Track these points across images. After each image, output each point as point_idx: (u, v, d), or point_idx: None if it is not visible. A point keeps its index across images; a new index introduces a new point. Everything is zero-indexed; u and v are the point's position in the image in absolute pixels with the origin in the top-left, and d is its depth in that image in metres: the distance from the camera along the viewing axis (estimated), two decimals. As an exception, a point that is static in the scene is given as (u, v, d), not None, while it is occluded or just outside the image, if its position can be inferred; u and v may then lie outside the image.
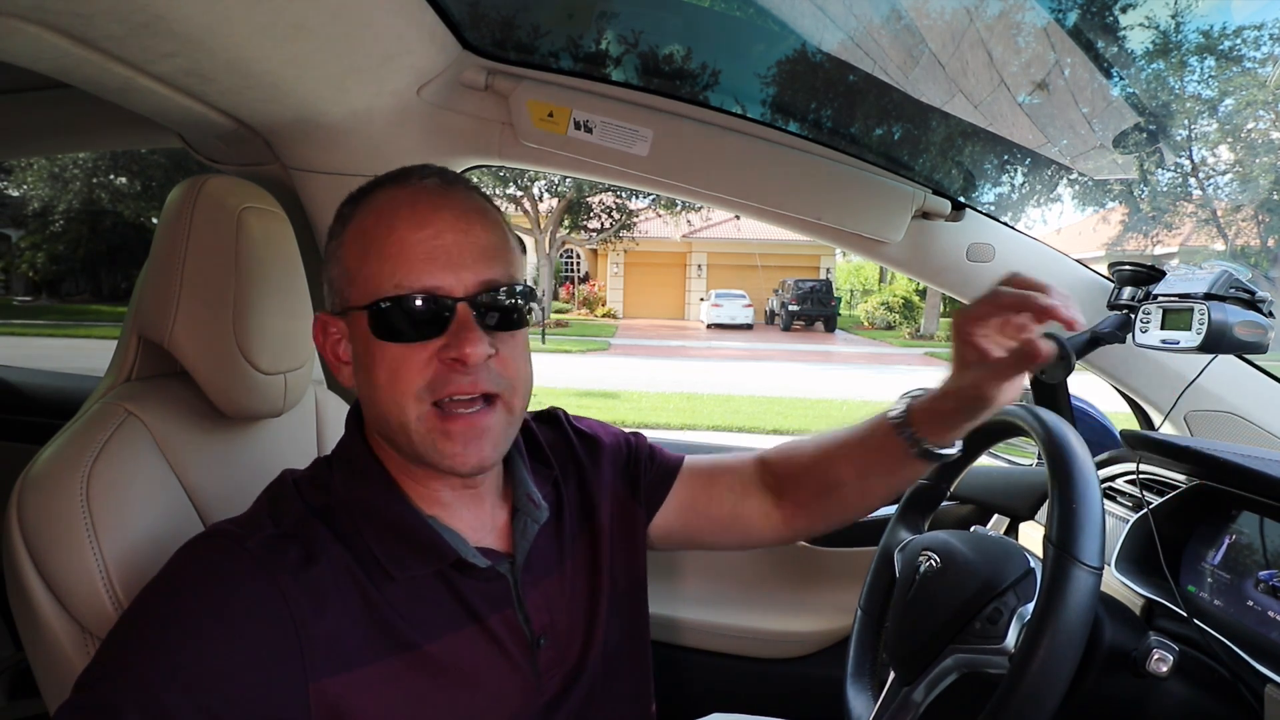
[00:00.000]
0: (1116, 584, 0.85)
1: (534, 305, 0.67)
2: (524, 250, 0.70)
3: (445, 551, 0.64)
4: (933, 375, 0.73)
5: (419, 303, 0.60)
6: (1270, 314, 0.95)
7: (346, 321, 0.65)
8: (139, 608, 0.57)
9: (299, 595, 0.57)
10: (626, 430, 0.89)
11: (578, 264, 23.42)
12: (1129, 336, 1.06)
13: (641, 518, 0.83)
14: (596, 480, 0.81)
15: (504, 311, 0.63)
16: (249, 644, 0.54)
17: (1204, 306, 0.94)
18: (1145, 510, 0.89)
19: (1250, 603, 0.77)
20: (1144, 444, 0.95)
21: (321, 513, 0.63)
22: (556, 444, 0.82)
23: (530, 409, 0.77)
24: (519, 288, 0.64)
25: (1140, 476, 0.96)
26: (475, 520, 0.69)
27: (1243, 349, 0.95)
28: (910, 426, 0.73)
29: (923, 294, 18.52)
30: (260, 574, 0.57)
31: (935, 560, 0.77)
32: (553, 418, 0.86)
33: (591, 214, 17.57)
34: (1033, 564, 0.72)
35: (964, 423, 0.70)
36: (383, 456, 0.67)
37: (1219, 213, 12.06)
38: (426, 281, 0.60)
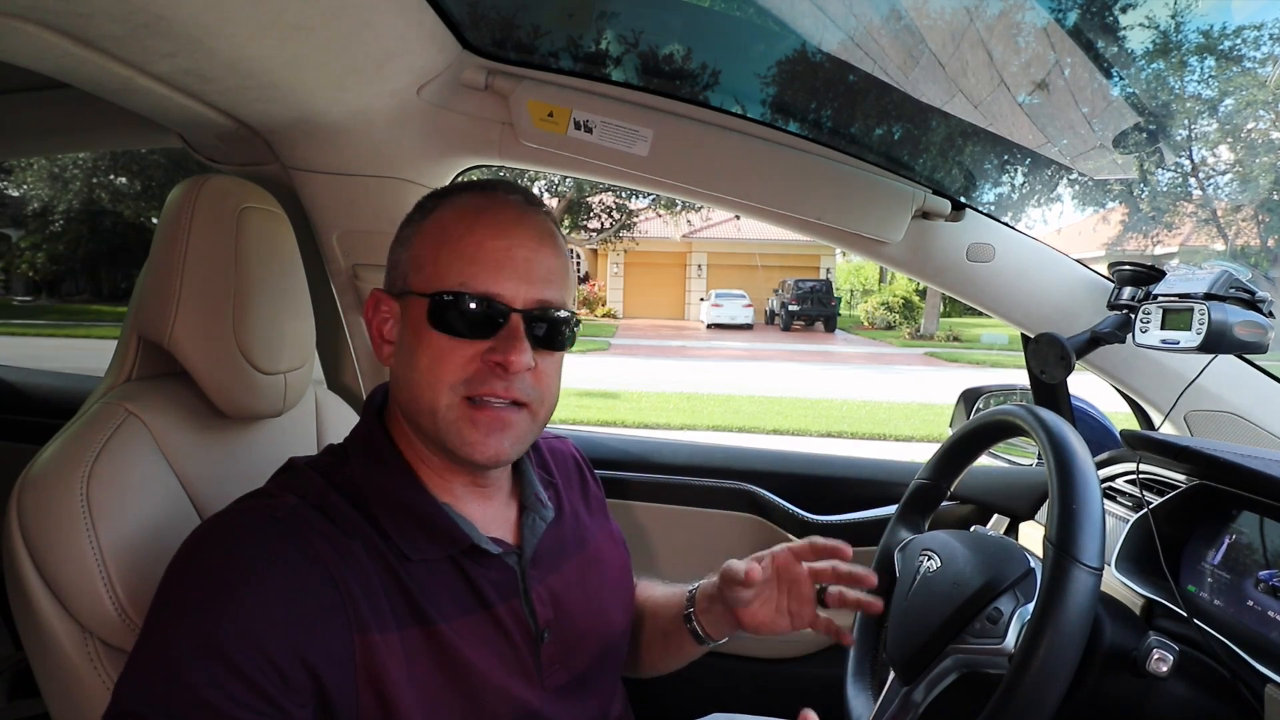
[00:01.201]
0: (1116, 584, 0.85)
1: (578, 328, 0.71)
2: (576, 276, 0.75)
3: (459, 537, 0.66)
4: (933, 375, 0.74)
5: (477, 304, 0.64)
6: (1270, 314, 0.95)
7: (401, 304, 0.68)
8: (181, 576, 0.58)
9: (332, 556, 0.59)
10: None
11: (578, 264, 23.40)
12: (1129, 336, 1.06)
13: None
14: (598, 501, 0.89)
15: (551, 330, 0.67)
16: (298, 595, 0.56)
17: (1204, 306, 0.94)
18: (1145, 510, 0.89)
19: (1250, 603, 0.77)
20: (1144, 444, 0.95)
21: (341, 491, 0.65)
22: (563, 460, 0.88)
23: None
24: (566, 312, 0.68)
25: (1140, 476, 0.96)
26: (486, 513, 0.72)
27: (1243, 349, 0.95)
28: (693, 609, 0.84)
29: (923, 294, 18.52)
30: (293, 537, 0.59)
31: (935, 560, 0.77)
32: (562, 440, 0.93)
33: (591, 214, 17.56)
34: (1033, 564, 0.72)
35: (731, 628, 0.82)
36: (401, 444, 0.69)
37: (1219, 213, 12.06)
38: (491, 287, 0.64)
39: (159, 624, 0.56)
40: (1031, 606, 0.66)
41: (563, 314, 0.68)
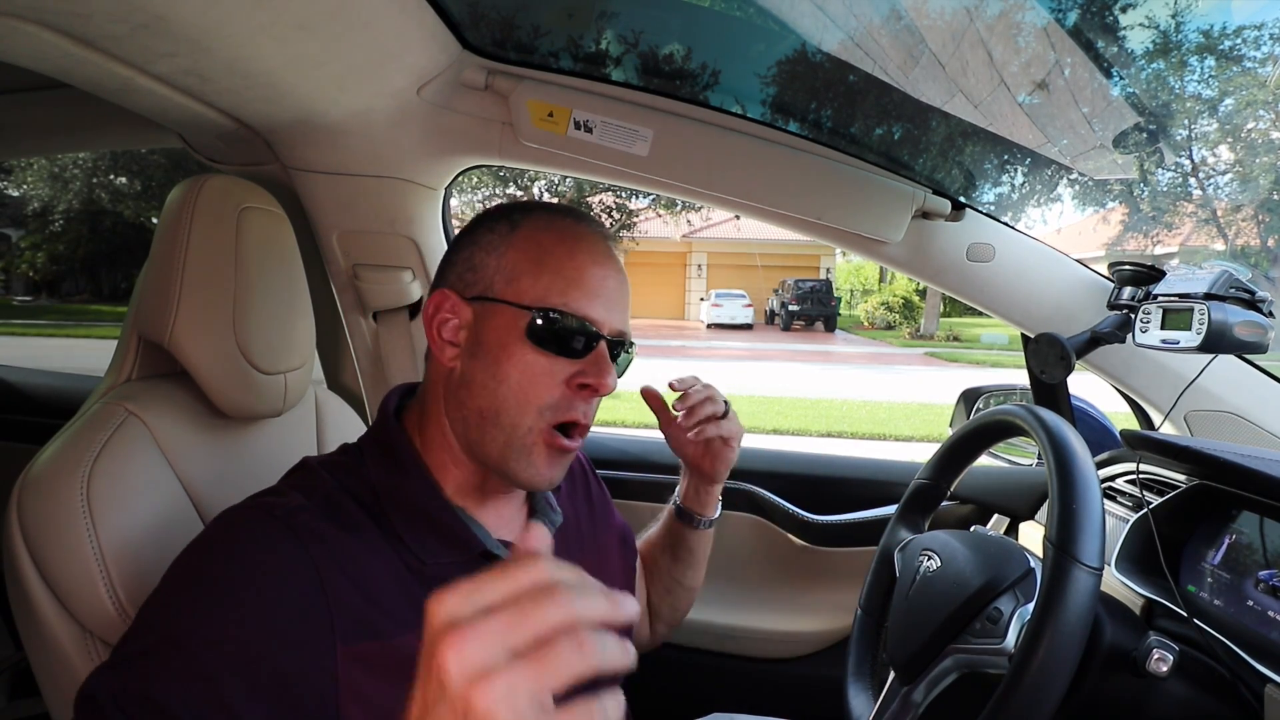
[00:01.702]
0: (1116, 584, 0.85)
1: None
2: None
3: (472, 543, 0.66)
4: (933, 375, 0.74)
5: (578, 327, 0.66)
6: (1270, 314, 0.95)
7: (479, 310, 0.67)
8: (173, 578, 0.58)
9: (329, 563, 0.59)
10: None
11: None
12: (1129, 336, 1.06)
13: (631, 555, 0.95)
14: (602, 507, 0.91)
15: (622, 360, 0.71)
16: (280, 607, 0.56)
17: (1204, 306, 0.94)
18: (1145, 510, 0.89)
19: (1250, 603, 0.77)
20: (1144, 444, 0.95)
21: (351, 493, 0.65)
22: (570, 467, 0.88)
23: None
24: (633, 345, 0.73)
25: (1140, 476, 0.96)
26: (498, 518, 0.72)
27: (1243, 349, 0.95)
28: (683, 505, 0.94)
29: (923, 294, 18.52)
30: (291, 540, 0.58)
31: (935, 560, 0.77)
32: None
33: (591, 214, 17.53)
34: (1033, 564, 0.72)
35: (708, 492, 0.93)
36: (420, 446, 0.69)
37: (1219, 213, 12.06)
38: (589, 311, 0.66)
39: (139, 616, 0.56)
40: (1031, 606, 0.66)
41: (632, 346, 0.73)
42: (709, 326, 19.15)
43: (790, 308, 18.79)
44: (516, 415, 0.65)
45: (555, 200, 16.77)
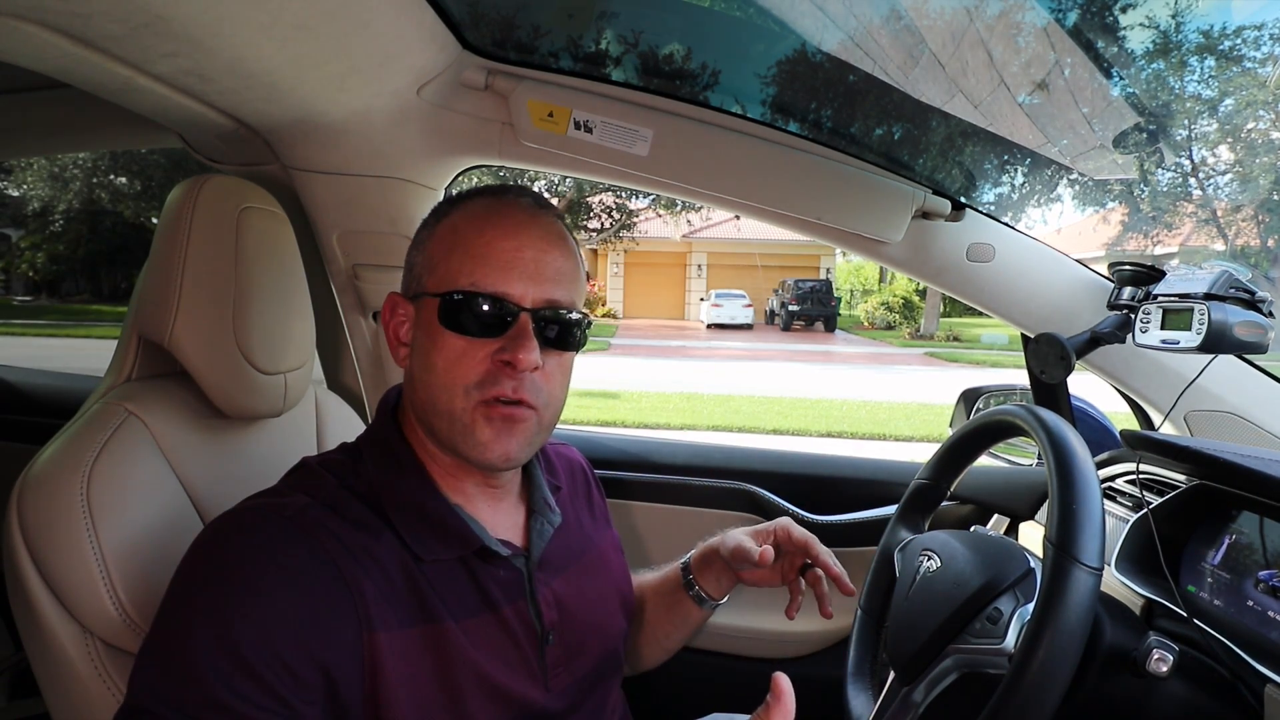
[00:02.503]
0: (1116, 584, 0.85)
1: (588, 330, 0.72)
2: (588, 280, 0.75)
3: (470, 538, 0.67)
4: (932, 375, 0.74)
5: (487, 303, 0.65)
6: (1270, 314, 0.95)
7: (416, 306, 0.69)
8: (194, 575, 0.58)
9: (342, 555, 0.60)
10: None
11: (578, 264, 23.38)
12: (1129, 336, 1.06)
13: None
14: (602, 508, 0.91)
15: (560, 330, 0.68)
16: (309, 595, 0.57)
17: (1204, 306, 0.94)
18: (1145, 510, 0.89)
19: (1250, 603, 0.77)
20: (1144, 444, 0.95)
21: (353, 491, 0.66)
22: (567, 465, 0.89)
23: None
24: (576, 313, 0.69)
25: (1140, 476, 0.95)
26: (495, 515, 0.73)
27: (1243, 349, 0.95)
28: (702, 590, 0.89)
29: (923, 294, 18.52)
30: (302, 537, 0.59)
31: (935, 560, 0.77)
32: (567, 446, 0.94)
33: (591, 214, 17.55)
34: (1033, 564, 0.72)
35: (729, 584, 0.88)
36: (415, 444, 0.70)
37: (1219, 213, 12.06)
38: (500, 286, 0.65)
39: (172, 621, 0.56)
40: (1031, 606, 0.66)
41: (573, 315, 0.69)
42: (709, 326, 19.15)
43: (790, 308, 18.79)
44: (449, 399, 0.65)
45: (555, 200, 16.79)
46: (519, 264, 0.66)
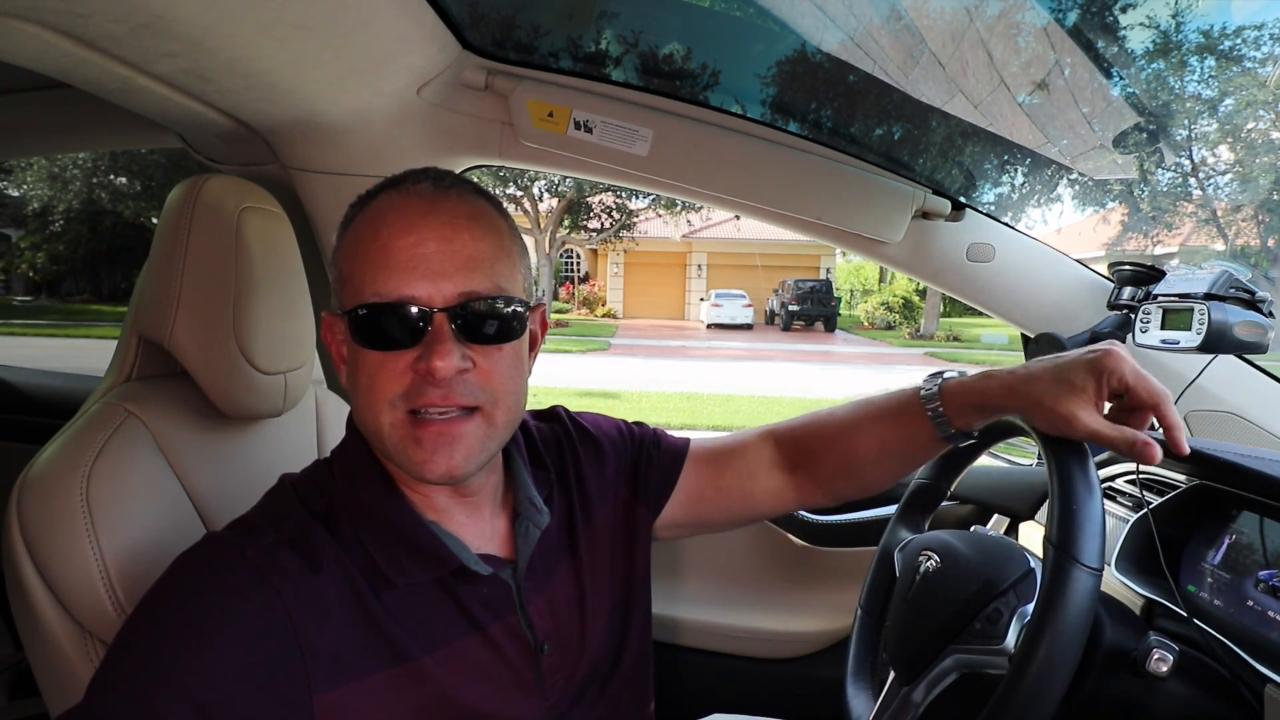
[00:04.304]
0: (1116, 584, 0.85)
1: (526, 314, 0.64)
2: (524, 254, 0.69)
3: (447, 558, 0.63)
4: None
5: (394, 313, 0.58)
6: (1270, 314, 0.95)
7: (343, 323, 0.64)
8: (139, 618, 0.56)
9: (300, 605, 0.57)
10: (631, 422, 0.88)
11: (578, 264, 23.41)
12: (1129, 336, 1.06)
13: (645, 517, 0.82)
14: (598, 482, 0.80)
15: (485, 324, 0.60)
16: (251, 655, 0.54)
17: (1204, 306, 0.94)
18: (1145, 510, 0.89)
19: (1250, 603, 0.77)
20: (1144, 444, 0.94)
21: (322, 518, 0.63)
22: (555, 444, 0.81)
23: (530, 407, 0.77)
24: (502, 300, 0.61)
25: (1140, 476, 0.95)
26: (474, 527, 0.68)
27: (1243, 349, 0.95)
28: (942, 410, 0.73)
29: (923, 294, 18.51)
30: (261, 584, 0.56)
31: (935, 560, 0.77)
32: (554, 415, 0.85)
33: (591, 214, 17.56)
34: (1033, 564, 0.72)
35: (1002, 414, 0.71)
36: (383, 460, 0.66)
37: (1219, 213, 12.06)
38: (405, 291, 0.58)
39: (115, 647, 0.54)
40: (1031, 607, 0.66)
41: (497, 302, 0.61)
42: (709, 326, 19.14)
43: (790, 308, 18.78)
44: (375, 417, 0.60)
45: (555, 200, 16.81)
46: (421, 261, 0.59)
